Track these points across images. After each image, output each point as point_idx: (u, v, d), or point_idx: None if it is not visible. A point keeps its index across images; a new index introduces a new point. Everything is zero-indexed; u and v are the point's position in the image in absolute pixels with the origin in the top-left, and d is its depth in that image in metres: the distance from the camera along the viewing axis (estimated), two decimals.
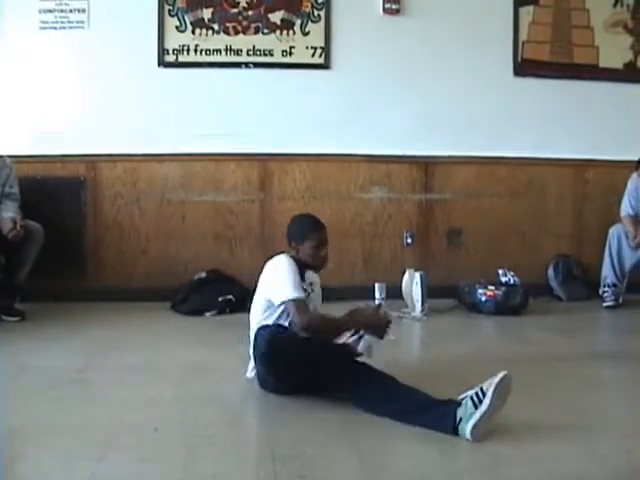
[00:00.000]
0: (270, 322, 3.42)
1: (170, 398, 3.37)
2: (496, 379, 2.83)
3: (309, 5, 5.78)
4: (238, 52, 5.75)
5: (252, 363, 3.50)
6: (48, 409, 3.19)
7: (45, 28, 5.64)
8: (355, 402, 3.14)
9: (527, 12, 5.98)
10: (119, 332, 4.73)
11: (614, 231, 5.55)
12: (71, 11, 5.65)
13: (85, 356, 4.08)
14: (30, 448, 2.75)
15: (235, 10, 5.74)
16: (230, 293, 5.30)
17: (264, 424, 3.06)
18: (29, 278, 5.05)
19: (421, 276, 5.26)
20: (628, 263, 5.53)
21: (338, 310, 3.50)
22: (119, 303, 5.40)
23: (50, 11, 5.63)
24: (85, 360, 4.00)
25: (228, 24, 5.75)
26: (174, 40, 5.72)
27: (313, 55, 5.79)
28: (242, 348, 3.70)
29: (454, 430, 2.84)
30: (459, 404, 2.88)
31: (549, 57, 6.03)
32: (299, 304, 3.33)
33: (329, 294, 5.62)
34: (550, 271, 5.93)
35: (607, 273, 5.57)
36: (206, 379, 3.68)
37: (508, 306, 5.29)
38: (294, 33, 5.78)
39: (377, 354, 3.38)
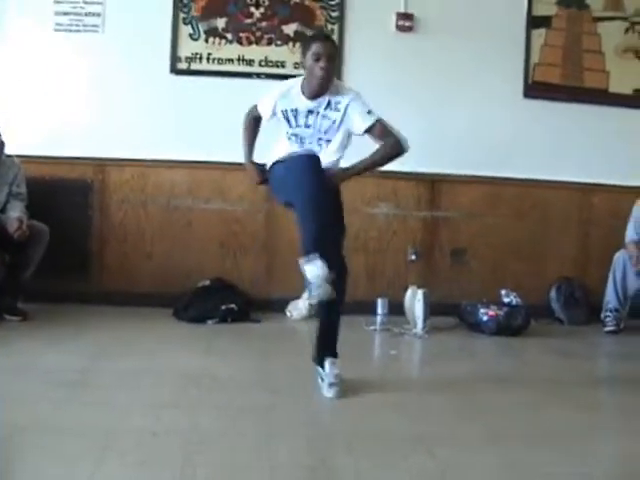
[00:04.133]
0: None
1: (169, 403, 3.37)
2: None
3: (323, 19, 5.82)
4: (250, 62, 5.78)
5: None
6: (47, 410, 3.18)
7: (60, 30, 5.68)
8: None
9: (539, 34, 6.00)
10: (121, 336, 4.73)
11: (619, 257, 5.55)
12: (86, 15, 5.69)
13: (86, 358, 4.08)
14: (28, 449, 2.75)
15: (249, 21, 5.78)
16: (233, 302, 5.31)
17: (263, 433, 3.05)
18: (33, 278, 5.07)
19: (424, 293, 5.27)
20: (632, 289, 5.53)
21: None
22: (122, 307, 5.41)
23: (65, 14, 5.67)
24: (86, 362, 4.00)
25: (241, 34, 5.78)
26: (187, 48, 5.76)
27: None
28: (242, 357, 3.71)
29: None
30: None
31: (559, 80, 6.05)
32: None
33: None
34: (552, 294, 5.93)
35: (610, 298, 5.57)
36: (206, 386, 3.67)
37: (509, 327, 5.28)
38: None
39: None
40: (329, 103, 3.61)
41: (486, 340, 5.22)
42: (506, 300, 5.47)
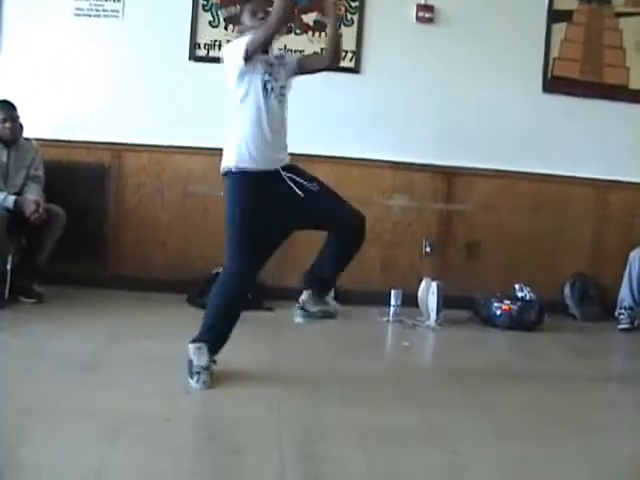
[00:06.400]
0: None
1: (182, 390, 3.38)
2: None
3: (343, 9, 5.79)
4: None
5: None
6: (60, 393, 3.21)
7: (80, 15, 5.68)
8: None
9: (560, 29, 5.96)
10: (135, 321, 4.75)
11: (635, 255, 5.53)
12: (107, 0, 5.69)
13: (99, 342, 4.10)
14: (40, 431, 2.77)
15: (269, 9, 5.74)
16: None
17: (274, 421, 3.06)
18: (49, 261, 5.09)
19: (437, 286, 5.27)
20: None
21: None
22: (136, 292, 5.42)
23: None
24: (99, 346, 4.02)
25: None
26: (206, 35, 5.75)
27: (344, 59, 5.77)
28: (254, 345, 3.71)
29: None
30: None
31: (579, 75, 6.00)
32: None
33: (345, 297, 5.67)
34: (566, 290, 5.90)
35: (624, 295, 5.55)
36: (218, 373, 3.67)
37: (522, 321, 5.27)
38: (326, 35, 5.78)
39: None
40: (277, 58, 3.82)
41: (499, 334, 5.22)
42: (520, 295, 5.45)
